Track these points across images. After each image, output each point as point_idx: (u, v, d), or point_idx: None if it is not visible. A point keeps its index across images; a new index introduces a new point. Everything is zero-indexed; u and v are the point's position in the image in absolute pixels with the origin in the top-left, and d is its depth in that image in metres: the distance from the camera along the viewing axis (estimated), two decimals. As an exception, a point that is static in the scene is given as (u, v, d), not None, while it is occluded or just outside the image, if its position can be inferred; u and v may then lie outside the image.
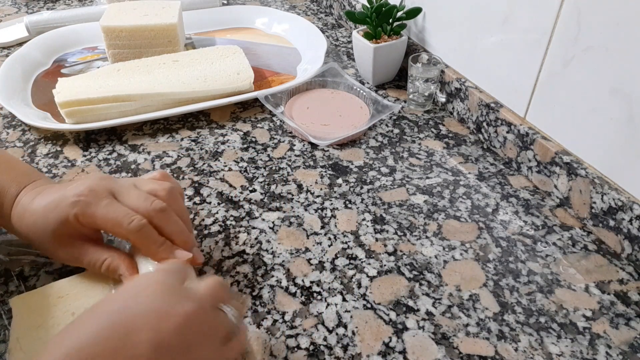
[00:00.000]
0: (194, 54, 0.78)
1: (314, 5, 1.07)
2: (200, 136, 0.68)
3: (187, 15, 0.93)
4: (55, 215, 0.40)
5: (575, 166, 0.53)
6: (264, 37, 0.93)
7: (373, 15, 0.72)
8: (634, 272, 0.49)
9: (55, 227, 0.40)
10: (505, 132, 0.61)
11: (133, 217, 0.40)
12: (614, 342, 0.43)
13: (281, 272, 0.49)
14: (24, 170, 0.47)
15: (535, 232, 0.53)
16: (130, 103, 0.68)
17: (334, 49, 0.89)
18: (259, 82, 0.78)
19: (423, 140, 0.67)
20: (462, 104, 0.68)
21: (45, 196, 0.42)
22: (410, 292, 0.47)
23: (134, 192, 0.42)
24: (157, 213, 0.41)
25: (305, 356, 0.41)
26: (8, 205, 0.43)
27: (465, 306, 0.46)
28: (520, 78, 0.59)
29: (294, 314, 0.45)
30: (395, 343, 0.43)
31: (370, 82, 0.78)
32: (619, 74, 0.47)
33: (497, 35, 0.61)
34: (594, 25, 0.48)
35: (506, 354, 0.42)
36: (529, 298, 0.46)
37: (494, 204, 0.56)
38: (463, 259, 0.50)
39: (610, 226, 0.51)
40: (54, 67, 0.83)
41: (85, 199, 0.40)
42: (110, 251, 0.43)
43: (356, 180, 0.60)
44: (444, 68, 0.70)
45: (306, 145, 0.66)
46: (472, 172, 0.61)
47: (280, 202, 0.57)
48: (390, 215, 0.55)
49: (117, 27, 0.79)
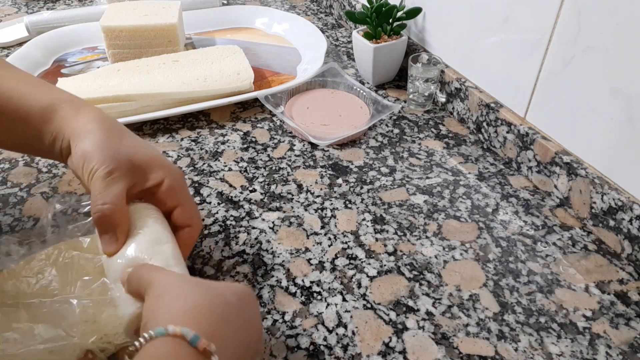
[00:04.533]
0: (194, 54, 0.78)
1: (314, 5, 1.07)
2: (200, 136, 0.68)
3: (187, 15, 0.93)
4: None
5: (575, 166, 0.53)
6: (264, 37, 0.93)
7: (373, 15, 0.72)
8: (634, 272, 0.49)
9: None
10: (505, 132, 0.61)
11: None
12: (614, 342, 0.43)
13: (281, 272, 0.49)
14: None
15: (535, 232, 0.53)
16: (130, 103, 0.68)
17: (334, 49, 0.89)
18: (259, 82, 0.78)
19: (423, 140, 0.67)
20: (462, 104, 0.68)
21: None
22: (410, 292, 0.47)
23: None
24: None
25: (305, 356, 0.41)
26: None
27: (465, 306, 0.46)
28: (520, 78, 0.59)
29: (294, 314, 0.45)
30: (395, 343, 0.43)
31: (370, 82, 0.78)
32: (619, 74, 0.47)
33: (497, 35, 0.61)
34: (594, 25, 0.48)
35: (506, 354, 0.42)
36: (529, 298, 0.46)
37: (494, 204, 0.56)
38: (463, 259, 0.50)
39: (610, 226, 0.51)
40: (54, 67, 0.83)
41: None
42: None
43: (356, 180, 0.60)
44: (444, 68, 0.70)
45: (306, 145, 0.66)
46: (472, 172, 0.61)
47: (280, 202, 0.57)
48: (390, 215, 0.55)
49: (117, 27, 0.79)
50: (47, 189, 0.58)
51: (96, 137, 0.40)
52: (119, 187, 0.38)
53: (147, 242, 0.38)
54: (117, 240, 0.38)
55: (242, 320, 0.34)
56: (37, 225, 0.47)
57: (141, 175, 0.41)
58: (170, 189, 0.41)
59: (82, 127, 0.41)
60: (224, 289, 0.34)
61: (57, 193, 0.58)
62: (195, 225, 0.43)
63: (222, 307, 0.33)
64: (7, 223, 0.54)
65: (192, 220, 0.43)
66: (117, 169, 0.39)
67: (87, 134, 0.40)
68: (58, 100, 0.43)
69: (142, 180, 0.41)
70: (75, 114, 0.42)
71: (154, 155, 0.42)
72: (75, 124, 0.41)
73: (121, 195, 0.39)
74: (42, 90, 0.43)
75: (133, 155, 0.40)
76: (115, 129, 0.42)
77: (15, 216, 0.55)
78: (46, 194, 0.57)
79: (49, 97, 0.43)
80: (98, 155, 0.39)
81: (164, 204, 0.42)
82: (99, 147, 0.39)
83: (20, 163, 0.63)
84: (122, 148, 0.40)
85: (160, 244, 0.38)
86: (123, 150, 0.40)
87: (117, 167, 0.39)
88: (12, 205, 0.56)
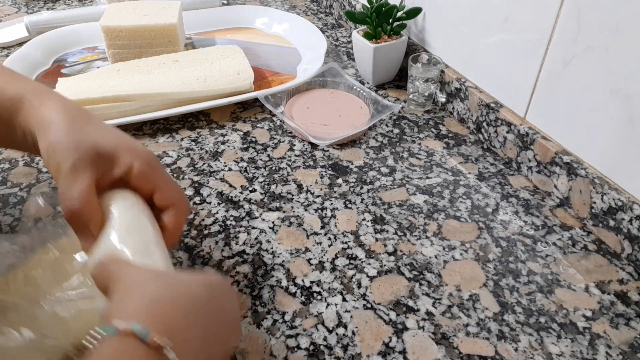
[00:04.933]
0: (194, 54, 0.78)
1: (314, 5, 1.07)
2: (200, 136, 0.68)
3: (187, 15, 0.93)
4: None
5: (575, 166, 0.53)
6: (264, 37, 0.93)
7: (373, 15, 0.72)
8: (634, 272, 0.49)
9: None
10: (505, 132, 0.61)
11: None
12: (614, 342, 0.43)
13: (281, 272, 0.49)
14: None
15: (535, 232, 0.53)
16: (130, 103, 0.68)
17: (334, 49, 0.89)
18: (259, 82, 0.78)
19: (423, 140, 0.67)
20: (462, 104, 0.68)
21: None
22: (410, 292, 0.47)
23: None
24: None
25: (305, 356, 0.41)
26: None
27: (465, 306, 0.46)
28: (520, 78, 0.59)
29: (294, 314, 0.45)
30: (395, 343, 0.43)
31: (370, 82, 0.78)
32: (619, 75, 0.47)
33: (497, 35, 0.61)
34: (594, 25, 0.48)
35: (506, 354, 0.42)
36: (529, 298, 0.46)
37: (494, 204, 0.56)
38: (463, 259, 0.50)
39: (610, 226, 0.51)
40: (54, 67, 0.83)
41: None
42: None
43: (356, 180, 0.60)
44: (444, 68, 0.70)
45: (306, 145, 0.66)
46: (472, 172, 0.61)
47: (280, 202, 0.57)
48: (390, 215, 0.55)
49: (117, 27, 0.79)
50: (47, 189, 0.58)
51: (58, 128, 0.38)
52: (85, 181, 0.37)
53: (122, 231, 0.36)
54: (93, 236, 0.37)
55: (212, 312, 0.33)
56: (22, 223, 0.46)
57: (108, 164, 0.39)
58: (142, 173, 0.39)
59: (45, 119, 0.39)
60: (190, 281, 0.33)
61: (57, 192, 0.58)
62: (179, 204, 0.41)
63: (185, 300, 0.32)
64: (7, 223, 0.54)
65: (174, 199, 0.41)
66: (81, 161, 0.37)
67: (49, 125, 0.38)
68: (23, 91, 0.41)
69: (109, 169, 0.39)
70: (38, 104, 0.40)
71: (120, 141, 0.40)
72: (39, 116, 0.39)
73: (88, 189, 0.37)
74: (10, 83, 0.42)
75: (97, 143, 0.38)
76: (79, 117, 0.39)
77: (15, 216, 0.55)
78: (46, 194, 0.57)
79: (14, 89, 0.41)
80: (61, 149, 0.37)
81: (141, 189, 0.40)
82: (61, 139, 0.37)
83: (20, 163, 0.63)
84: (86, 137, 0.38)
85: (135, 231, 0.37)
86: (86, 139, 0.38)
87: (81, 159, 0.37)
88: (12, 205, 0.56)
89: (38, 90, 0.41)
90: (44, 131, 0.38)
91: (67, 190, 0.36)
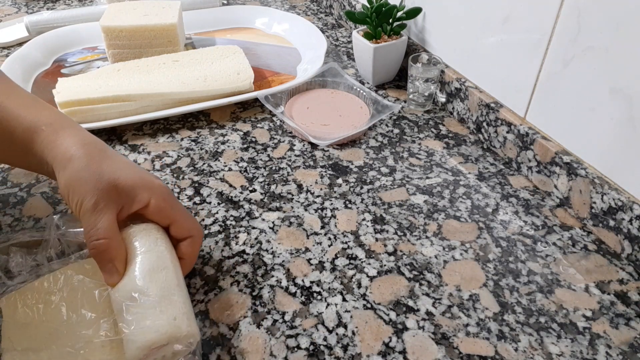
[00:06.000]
0: (194, 54, 0.78)
1: (314, 5, 1.07)
2: (200, 136, 0.68)
3: (187, 15, 0.93)
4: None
5: (575, 166, 0.53)
6: (264, 37, 0.93)
7: (373, 15, 0.72)
8: (634, 272, 0.49)
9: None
10: (505, 132, 0.61)
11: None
12: (614, 342, 0.43)
13: (281, 272, 0.49)
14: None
15: (535, 232, 0.53)
16: (130, 103, 0.68)
17: (334, 49, 0.89)
18: (259, 82, 0.78)
19: (423, 140, 0.67)
20: (462, 104, 0.68)
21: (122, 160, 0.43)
22: (410, 292, 0.47)
23: None
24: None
25: (305, 356, 0.41)
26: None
27: (465, 306, 0.46)
28: (520, 78, 0.59)
29: (294, 314, 0.45)
30: (395, 343, 0.43)
31: (370, 82, 0.78)
32: (619, 74, 0.47)
33: (497, 35, 0.61)
34: (594, 25, 0.48)
35: (506, 354, 0.42)
36: (529, 298, 0.46)
37: (494, 204, 0.56)
38: (463, 259, 0.50)
39: (610, 226, 0.51)
40: (54, 67, 0.83)
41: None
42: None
43: (356, 180, 0.60)
44: (444, 68, 0.70)
45: (306, 145, 0.66)
46: (472, 172, 0.61)
47: (280, 202, 0.57)
48: (390, 215, 0.55)
49: (117, 27, 0.79)
50: (47, 189, 0.58)
51: (76, 165, 0.39)
52: (108, 218, 0.38)
53: (146, 271, 0.38)
54: (117, 272, 0.38)
55: None
56: (42, 244, 0.46)
57: (127, 200, 0.40)
58: (158, 210, 0.41)
59: (62, 155, 0.40)
60: None
61: (57, 192, 0.58)
62: (195, 235, 0.43)
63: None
64: (7, 223, 0.54)
65: (191, 231, 0.43)
66: (102, 198, 0.38)
67: (67, 162, 0.39)
68: (39, 122, 0.42)
69: (128, 205, 0.40)
70: (54, 138, 0.41)
71: (136, 176, 0.41)
72: (56, 150, 0.40)
73: (112, 225, 0.38)
74: (26, 109, 0.42)
75: (116, 180, 0.39)
76: (96, 152, 0.41)
77: (15, 216, 0.55)
78: (46, 194, 0.57)
79: (30, 118, 0.42)
80: (81, 186, 0.38)
81: (157, 223, 0.42)
82: (81, 177, 0.39)
83: (20, 163, 0.63)
84: (104, 174, 0.39)
85: (158, 270, 0.39)
86: (105, 176, 0.39)
87: (102, 197, 0.38)
88: (12, 205, 0.56)
89: (53, 119, 0.42)
90: (63, 167, 0.39)
91: (92, 227, 0.38)
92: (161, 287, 0.38)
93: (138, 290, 0.37)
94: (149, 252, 0.39)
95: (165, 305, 0.37)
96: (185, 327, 0.36)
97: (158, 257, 0.40)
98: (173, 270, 0.39)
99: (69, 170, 0.39)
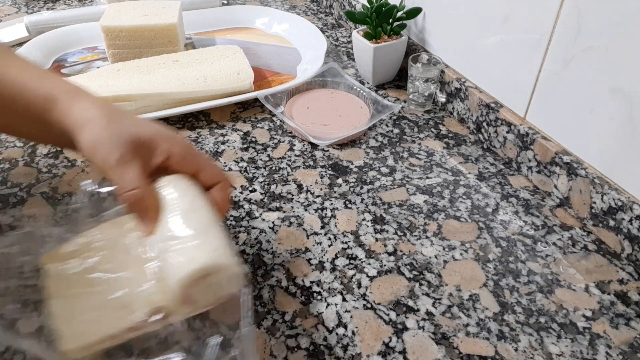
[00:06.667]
0: (194, 54, 0.78)
1: (314, 5, 1.07)
2: (200, 136, 0.68)
3: (187, 15, 0.93)
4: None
5: (575, 166, 0.53)
6: (264, 37, 0.93)
7: (373, 15, 0.72)
8: (634, 272, 0.49)
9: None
10: (505, 132, 0.61)
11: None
12: (614, 342, 0.43)
13: (281, 272, 0.49)
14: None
15: (535, 232, 0.53)
16: (130, 103, 0.68)
17: (334, 49, 0.89)
18: (259, 82, 0.78)
19: (423, 140, 0.67)
20: (462, 104, 0.68)
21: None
22: (410, 292, 0.47)
23: None
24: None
25: (305, 356, 0.41)
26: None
27: (465, 306, 0.46)
28: (520, 78, 0.59)
29: (294, 314, 0.45)
30: (395, 343, 0.43)
31: (370, 82, 0.78)
32: (619, 74, 0.47)
33: (497, 35, 0.61)
34: (594, 25, 0.48)
35: (506, 354, 0.42)
36: (529, 298, 0.46)
37: (494, 204, 0.56)
38: (463, 259, 0.50)
39: (610, 226, 0.51)
40: (54, 67, 0.83)
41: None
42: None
43: (356, 180, 0.60)
44: (444, 68, 0.70)
45: (306, 145, 0.66)
46: (472, 172, 0.61)
47: (280, 202, 0.57)
48: (390, 215, 0.55)
49: (117, 27, 0.79)
50: (47, 189, 0.58)
51: (97, 125, 0.40)
52: (136, 169, 0.39)
53: (181, 214, 0.39)
54: (153, 219, 0.39)
55: None
56: (71, 206, 0.47)
57: (149, 152, 0.41)
58: (182, 158, 0.42)
59: (81, 118, 0.41)
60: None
61: (57, 192, 0.58)
62: (223, 180, 0.44)
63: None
64: (7, 223, 0.54)
65: (218, 177, 0.43)
66: (127, 152, 0.39)
67: (87, 123, 0.40)
68: (55, 91, 0.42)
69: (151, 157, 0.41)
70: (71, 105, 0.42)
71: (156, 130, 0.42)
72: (74, 115, 0.41)
73: (140, 175, 0.39)
74: (40, 81, 0.43)
75: (136, 134, 0.40)
76: (113, 113, 0.42)
77: (15, 216, 0.55)
78: (46, 194, 0.57)
79: (46, 88, 0.42)
80: (104, 145, 0.39)
81: (183, 173, 0.43)
82: (102, 135, 0.39)
83: (20, 163, 0.63)
84: (124, 130, 0.40)
85: (192, 212, 0.39)
86: (125, 131, 0.40)
87: (126, 151, 0.39)
88: (12, 205, 0.56)
89: (68, 88, 0.43)
90: (82, 130, 0.40)
91: (123, 180, 0.39)
92: (198, 225, 0.38)
93: (175, 231, 0.38)
94: (182, 197, 0.40)
95: (204, 240, 0.37)
96: (226, 256, 0.36)
97: (191, 200, 0.40)
98: (207, 211, 0.40)
99: (89, 131, 0.40)
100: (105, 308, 0.37)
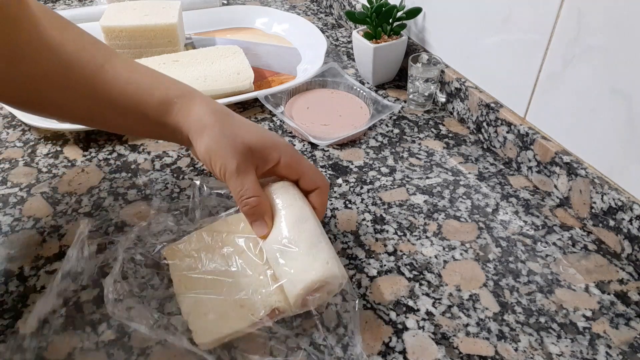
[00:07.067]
0: (194, 54, 0.78)
1: (314, 5, 1.07)
2: (200, 136, 0.67)
3: (187, 15, 0.93)
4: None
5: (575, 166, 0.53)
6: (264, 37, 0.93)
7: (373, 15, 0.72)
8: (634, 272, 0.49)
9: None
10: (505, 132, 0.61)
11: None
12: (614, 342, 0.43)
13: (281, 272, 0.49)
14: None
15: (535, 232, 0.53)
16: (130, 103, 0.68)
17: (334, 49, 0.89)
18: (259, 82, 0.78)
19: (423, 140, 0.67)
20: (462, 104, 0.68)
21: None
22: (410, 292, 0.47)
23: None
24: None
25: (306, 356, 0.41)
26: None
27: (465, 306, 0.46)
28: (520, 78, 0.59)
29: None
30: (395, 343, 0.43)
31: (370, 82, 0.78)
32: (619, 75, 0.47)
33: (497, 35, 0.61)
34: (594, 25, 0.48)
35: (506, 354, 0.42)
36: (529, 298, 0.46)
37: (494, 204, 0.56)
38: (463, 259, 0.50)
39: (610, 226, 0.51)
40: (54, 67, 0.83)
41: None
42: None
43: (356, 180, 0.60)
44: (444, 68, 0.70)
45: (306, 145, 0.66)
46: (472, 172, 0.61)
47: (280, 202, 0.57)
48: (390, 215, 0.55)
49: (117, 27, 0.79)
50: (47, 189, 0.58)
51: (212, 132, 0.43)
52: (252, 178, 0.43)
53: (292, 222, 0.43)
54: (268, 225, 0.43)
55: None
56: (189, 208, 0.51)
57: (260, 160, 0.44)
58: (287, 166, 0.45)
59: (198, 123, 0.44)
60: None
61: (57, 192, 0.58)
62: (322, 186, 0.46)
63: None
64: (7, 223, 0.54)
65: (318, 182, 0.46)
66: (242, 161, 0.43)
67: (203, 130, 0.44)
68: (170, 95, 0.46)
69: (262, 164, 0.45)
70: (187, 109, 0.45)
71: (265, 137, 0.45)
72: (190, 120, 0.45)
73: (257, 184, 0.43)
74: (153, 83, 0.46)
75: (249, 142, 0.44)
76: (225, 118, 0.45)
77: (15, 216, 0.55)
78: (46, 194, 0.57)
79: (161, 92, 0.46)
80: (220, 152, 0.43)
81: (287, 178, 0.46)
82: (219, 142, 0.43)
83: (20, 163, 0.63)
84: (238, 138, 0.43)
85: (303, 221, 0.43)
86: (239, 140, 0.43)
87: (242, 160, 0.43)
88: (12, 205, 0.56)
89: (182, 91, 0.46)
90: (200, 135, 0.44)
91: (242, 188, 0.43)
92: (308, 236, 0.42)
93: (289, 239, 0.41)
94: (291, 206, 0.44)
95: (316, 251, 0.41)
96: (337, 269, 0.40)
97: (300, 210, 0.44)
98: (315, 221, 0.43)
99: (206, 138, 0.43)
100: (230, 306, 0.41)
